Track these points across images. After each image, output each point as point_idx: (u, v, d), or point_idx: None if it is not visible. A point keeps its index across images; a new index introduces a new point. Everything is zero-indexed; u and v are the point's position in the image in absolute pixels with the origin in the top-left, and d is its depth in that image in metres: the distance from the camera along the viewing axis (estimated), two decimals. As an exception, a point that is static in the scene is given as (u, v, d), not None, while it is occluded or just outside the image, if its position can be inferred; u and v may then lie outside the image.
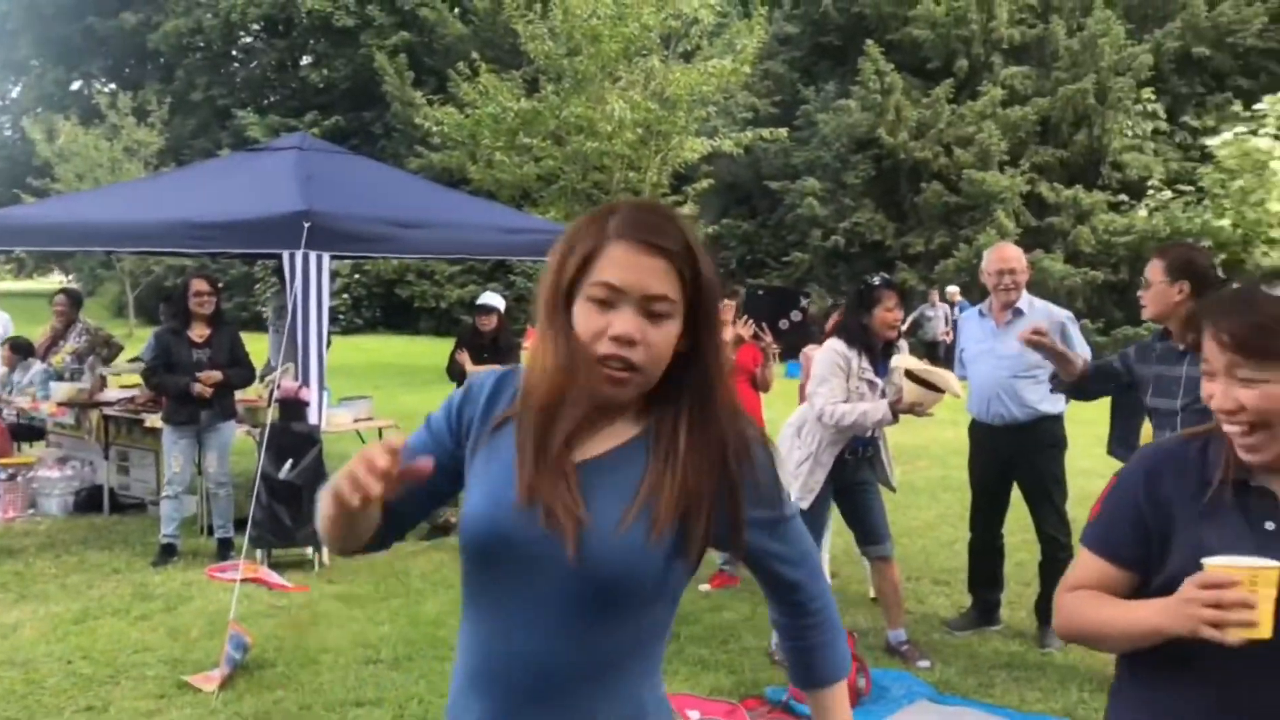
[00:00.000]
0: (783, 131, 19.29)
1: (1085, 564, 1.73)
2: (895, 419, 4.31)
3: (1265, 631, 1.40)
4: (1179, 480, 1.64)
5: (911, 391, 4.24)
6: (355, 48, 30.66)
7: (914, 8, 20.71)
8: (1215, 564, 1.45)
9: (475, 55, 18.46)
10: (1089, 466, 6.51)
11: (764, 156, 21.25)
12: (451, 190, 10.50)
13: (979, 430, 4.88)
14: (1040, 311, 4.75)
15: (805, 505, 4.35)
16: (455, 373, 7.01)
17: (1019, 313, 4.75)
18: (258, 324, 26.96)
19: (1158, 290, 3.50)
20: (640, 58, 16.31)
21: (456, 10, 28.14)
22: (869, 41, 20.92)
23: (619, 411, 1.42)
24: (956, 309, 16.23)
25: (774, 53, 22.21)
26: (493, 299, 7.36)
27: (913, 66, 21.32)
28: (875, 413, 4.30)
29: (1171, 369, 3.46)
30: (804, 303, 17.01)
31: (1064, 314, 4.80)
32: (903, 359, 4.45)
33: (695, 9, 16.80)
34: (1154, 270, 3.53)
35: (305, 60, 34.45)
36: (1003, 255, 4.86)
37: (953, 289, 16.67)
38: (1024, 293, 4.82)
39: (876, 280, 4.53)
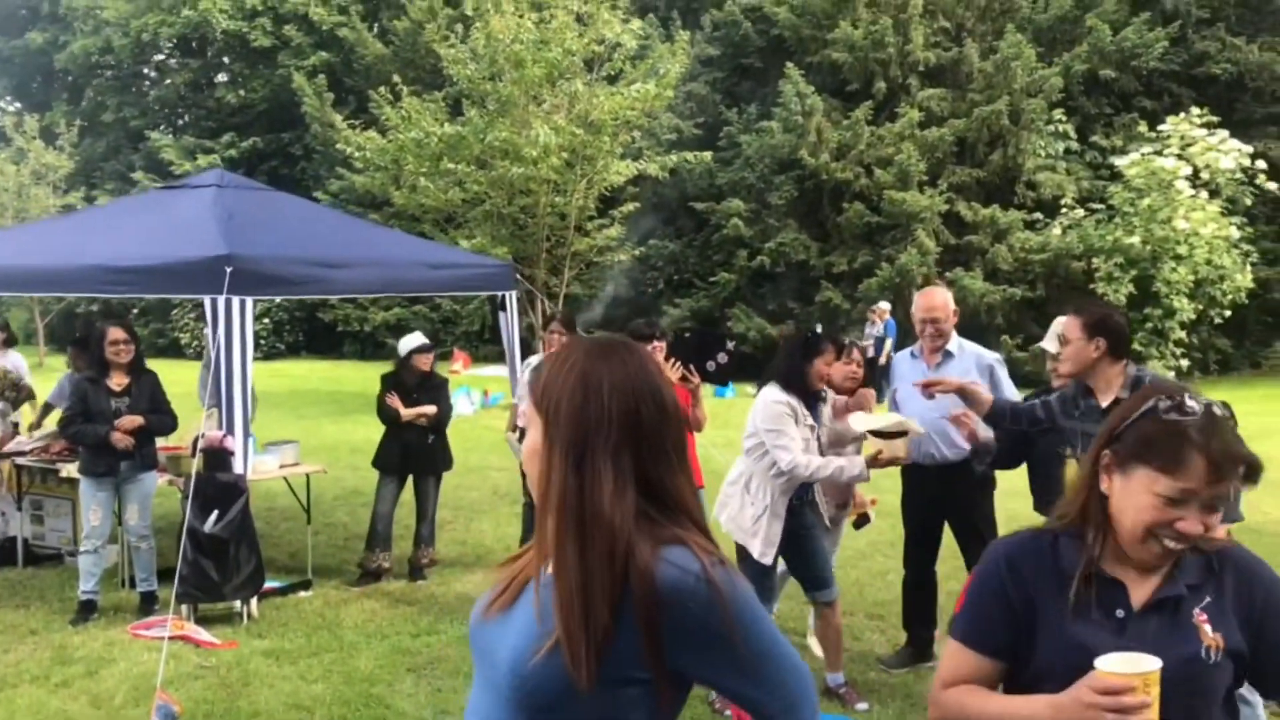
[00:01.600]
0: (707, 155, 19.47)
1: (956, 657, 1.81)
2: (869, 477, 4.44)
3: None
4: (1038, 571, 1.75)
5: (887, 447, 4.39)
6: (273, 68, 30.16)
7: (832, 31, 21.08)
8: (1108, 668, 1.55)
9: (396, 78, 18.28)
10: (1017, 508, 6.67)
11: (689, 178, 21.42)
12: (375, 225, 10.40)
13: (911, 470, 4.97)
14: (969, 354, 4.87)
15: (768, 561, 4.38)
16: (388, 417, 6.91)
17: (949, 355, 4.86)
18: (175, 350, 26.40)
19: (1076, 348, 3.61)
20: (564, 81, 16.31)
21: (376, 30, 27.88)
22: (789, 64, 21.24)
23: None
24: (883, 326, 16.53)
25: (696, 74, 22.39)
26: (422, 338, 7.27)
27: (833, 88, 21.68)
28: (853, 469, 4.39)
29: (1096, 426, 3.57)
30: (730, 344, 17.31)
31: (993, 356, 4.92)
32: (860, 419, 4.56)
33: (618, 34, 16.87)
34: (1071, 328, 3.64)
35: (221, 80, 33.78)
36: (928, 304, 4.96)
37: (883, 305, 16.98)
38: (953, 335, 4.93)
39: (819, 330, 4.68)
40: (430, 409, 6.90)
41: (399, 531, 7.07)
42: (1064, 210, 19.06)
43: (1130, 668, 1.54)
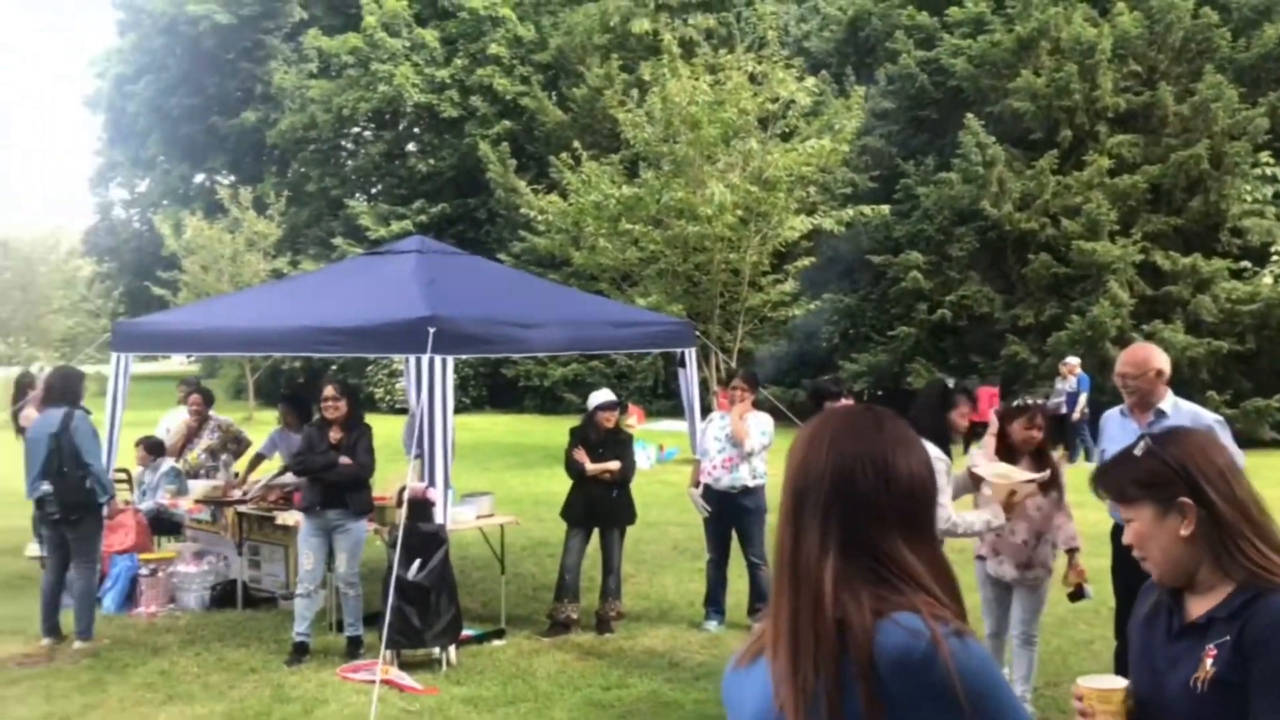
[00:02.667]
0: (884, 208, 19.28)
1: None
2: (1005, 520, 4.50)
3: None
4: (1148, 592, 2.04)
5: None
6: (460, 137, 31.76)
7: (1013, 80, 20.58)
8: (1084, 683, 1.87)
9: (576, 143, 18.98)
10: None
11: (865, 231, 21.19)
12: (561, 286, 10.75)
13: (1121, 533, 4.74)
14: (1185, 414, 4.62)
15: None
16: (574, 470, 7.12)
17: (1161, 414, 4.63)
18: (369, 405, 27.82)
19: None
20: (739, 140, 16.54)
21: (556, 98, 29.01)
22: (968, 115, 20.83)
23: None
24: (1075, 381, 15.81)
25: (871, 128, 22.24)
26: (609, 396, 7.47)
27: (1014, 138, 21.08)
28: (996, 519, 4.35)
29: None
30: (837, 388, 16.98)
31: (1212, 417, 4.66)
32: (984, 468, 4.58)
33: (792, 92, 17.02)
34: None
35: (412, 149, 35.83)
36: (1124, 360, 4.78)
37: (1072, 360, 16.27)
38: (1169, 394, 4.70)
39: (952, 383, 4.74)
40: (614, 464, 7.06)
41: (585, 584, 7.22)
42: (1275, 258, 17.84)
43: (1105, 684, 1.85)
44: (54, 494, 6.54)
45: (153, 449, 8.93)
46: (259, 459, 8.85)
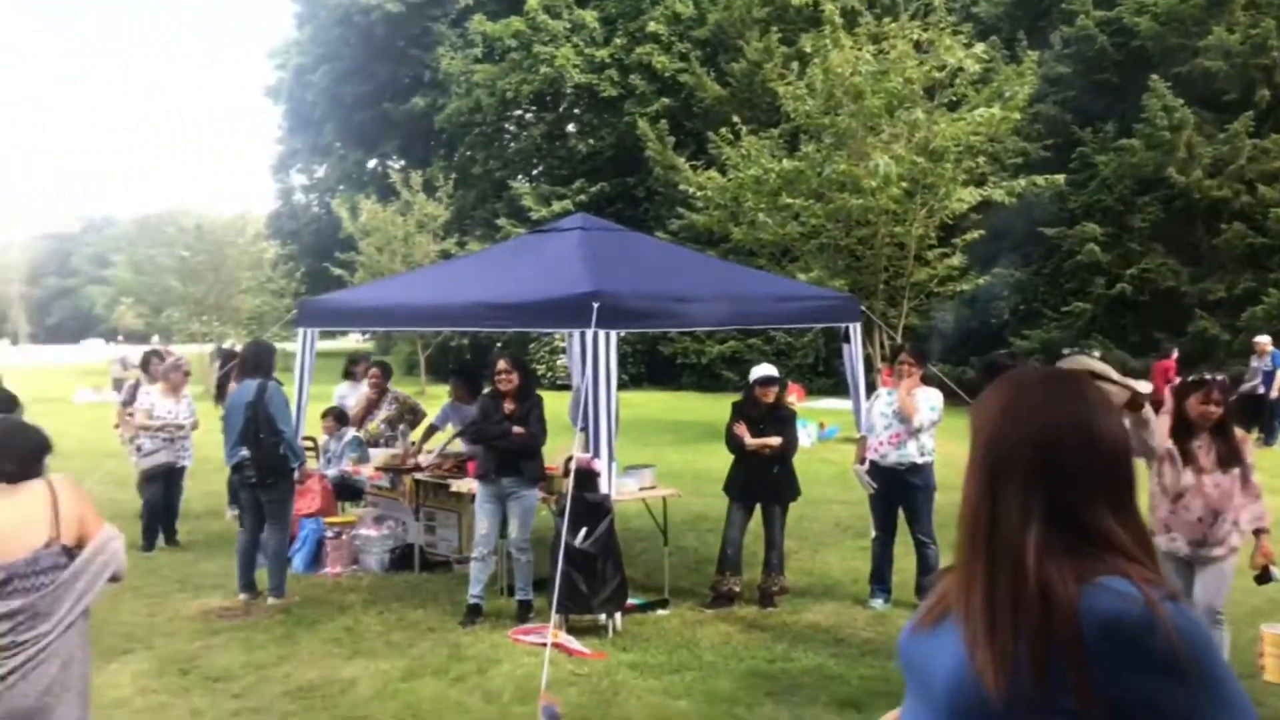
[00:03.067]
0: (1058, 177, 18.43)
1: None
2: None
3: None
4: None
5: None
6: (619, 116, 32.07)
7: (1203, 38, 19.27)
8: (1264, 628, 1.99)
9: (735, 118, 18.86)
10: None
11: (1037, 202, 20.30)
12: (722, 261, 10.73)
13: None
14: None
15: None
16: (735, 445, 7.13)
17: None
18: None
19: None
20: (904, 110, 16.09)
21: (714, 74, 28.90)
22: (1153, 76, 19.64)
23: None
24: (1269, 359, 14.79)
25: (1044, 94, 21.25)
26: (770, 370, 7.44)
27: (1204, 99, 19.77)
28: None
29: None
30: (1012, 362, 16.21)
31: None
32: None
33: (960, 59, 16.43)
34: None
35: (571, 130, 36.43)
36: None
37: (1263, 339, 15.20)
38: None
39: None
40: (774, 440, 7.03)
41: (747, 558, 7.24)
42: None
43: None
44: (251, 459, 7.00)
45: (339, 419, 9.44)
46: (432, 430, 9.23)
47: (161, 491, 8.97)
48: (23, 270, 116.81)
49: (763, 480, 7.07)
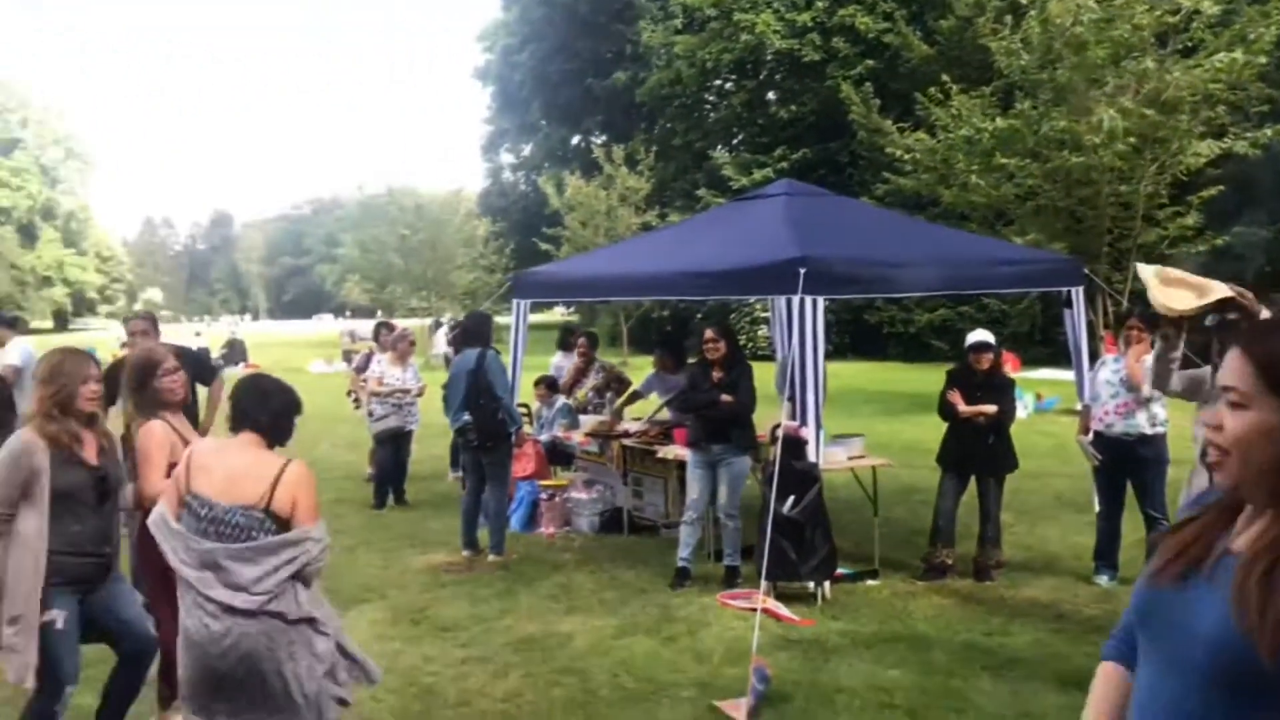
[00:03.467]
0: (1312, 125, 16.77)
1: None
2: None
3: None
4: None
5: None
6: (820, 80, 31.48)
7: None
8: None
9: (944, 77, 18.15)
10: None
11: (1286, 154, 18.59)
12: (933, 225, 10.38)
13: None
14: None
15: None
16: (947, 413, 6.92)
17: None
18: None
19: None
20: (1131, 60, 15.03)
21: (920, 33, 27.88)
22: None
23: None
24: None
25: (1295, 34, 19.34)
26: (986, 336, 7.17)
27: None
28: None
29: None
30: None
31: None
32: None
33: (1196, 1, 15.17)
34: None
35: (772, 97, 36.05)
36: None
37: None
38: None
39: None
40: (989, 408, 6.78)
41: (961, 531, 7.03)
42: None
43: None
44: (472, 424, 7.37)
45: (550, 387, 9.80)
46: (635, 395, 9.42)
47: (391, 454, 9.57)
48: (261, 251, 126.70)
49: (977, 450, 6.83)
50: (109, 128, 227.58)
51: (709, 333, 6.87)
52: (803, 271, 6.33)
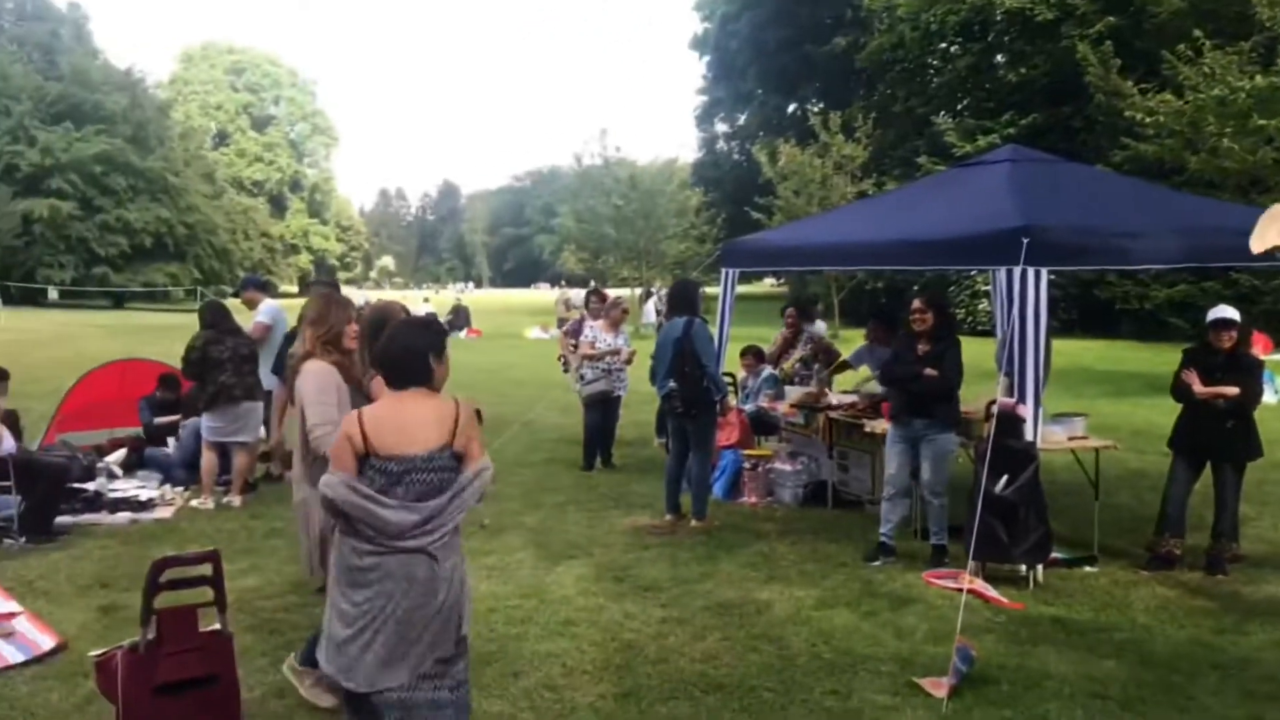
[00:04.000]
0: None
1: None
2: None
3: None
4: None
5: None
6: (1055, 41, 29.67)
7: None
8: None
9: (1196, 32, 16.74)
10: None
11: None
12: (1175, 192, 9.64)
13: None
14: None
15: None
16: (1181, 394, 6.45)
17: None
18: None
19: None
20: None
21: (1171, -16, 25.76)
22: None
23: None
24: None
25: None
26: (1230, 312, 6.61)
27: None
28: None
29: None
30: None
31: None
32: None
33: None
34: None
35: (1000, 60, 34.30)
36: None
37: None
38: None
39: None
40: (1230, 390, 6.26)
41: (1194, 521, 6.56)
42: None
43: None
44: (678, 390, 7.47)
45: (757, 357, 9.80)
46: (844, 367, 9.27)
47: (600, 417, 9.84)
48: (485, 221, 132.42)
49: (1214, 435, 6.33)
50: (349, 102, 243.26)
51: (916, 303, 6.67)
52: (1025, 241, 6.04)
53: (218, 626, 3.04)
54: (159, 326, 32.70)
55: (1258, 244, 3.62)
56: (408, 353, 3.38)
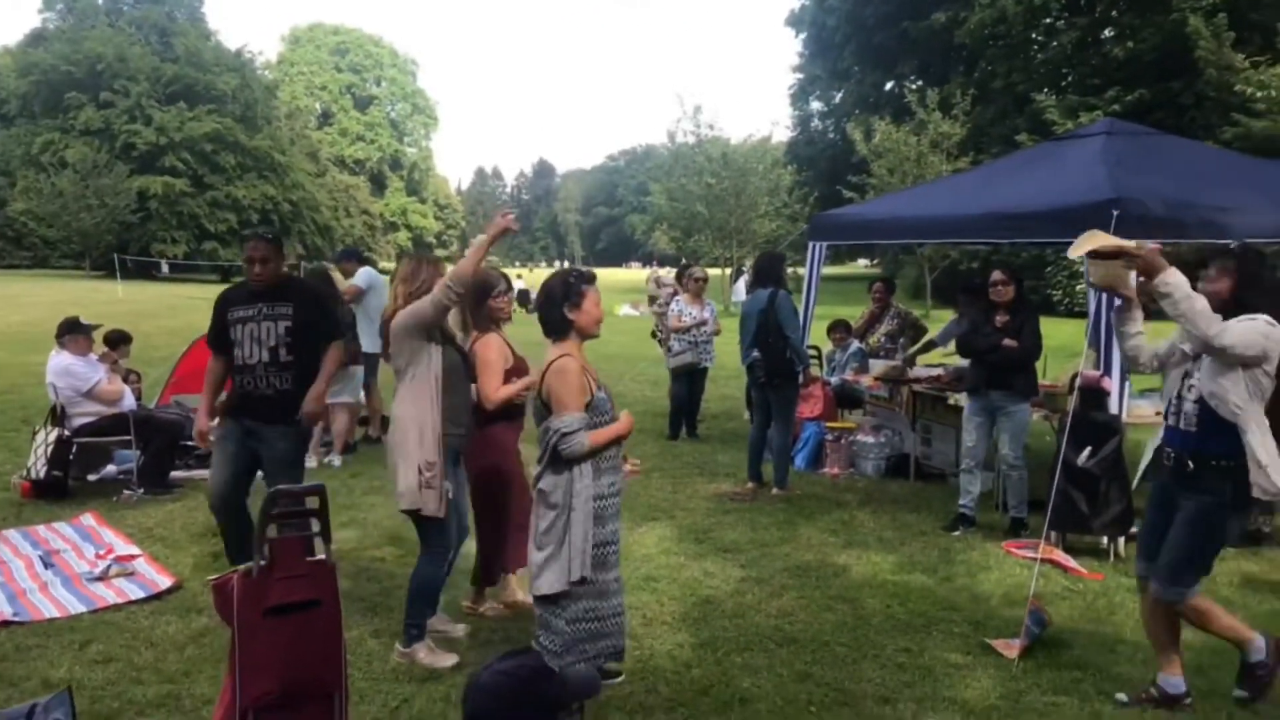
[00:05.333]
0: None
1: None
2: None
3: None
4: None
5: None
6: (1165, 14, 28.64)
7: None
8: None
9: (1316, 3, 16.05)
10: None
11: None
12: (1273, 162, 9.33)
13: None
14: None
15: None
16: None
17: None
18: (1047, 307, 27.03)
19: None
20: None
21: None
22: None
23: None
24: None
25: None
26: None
27: None
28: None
29: None
30: None
31: None
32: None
33: None
34: None
35: (1107, 35, 33.22)
36: None
37: None
38: None
39: None
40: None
41: (1287, 500, 6.44)
42: None
43: None
44: (761, 360, 7.59)
45: (845, 330, 9.84)
46: (931, 345, 9.27)
47: (686, 388, 10.01)
48: (578, 201, 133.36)
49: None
50: (448, 82, 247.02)
51: (996, 274, 6.67)
52: (1115, 213, 5.98)
53: (322, 556, 3.30)
54: (264, 299, 33.75)
55: (1075, 251, 3.84)
56: (543, 307, 3.74)
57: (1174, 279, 3.75)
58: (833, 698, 4.09)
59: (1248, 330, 3.71)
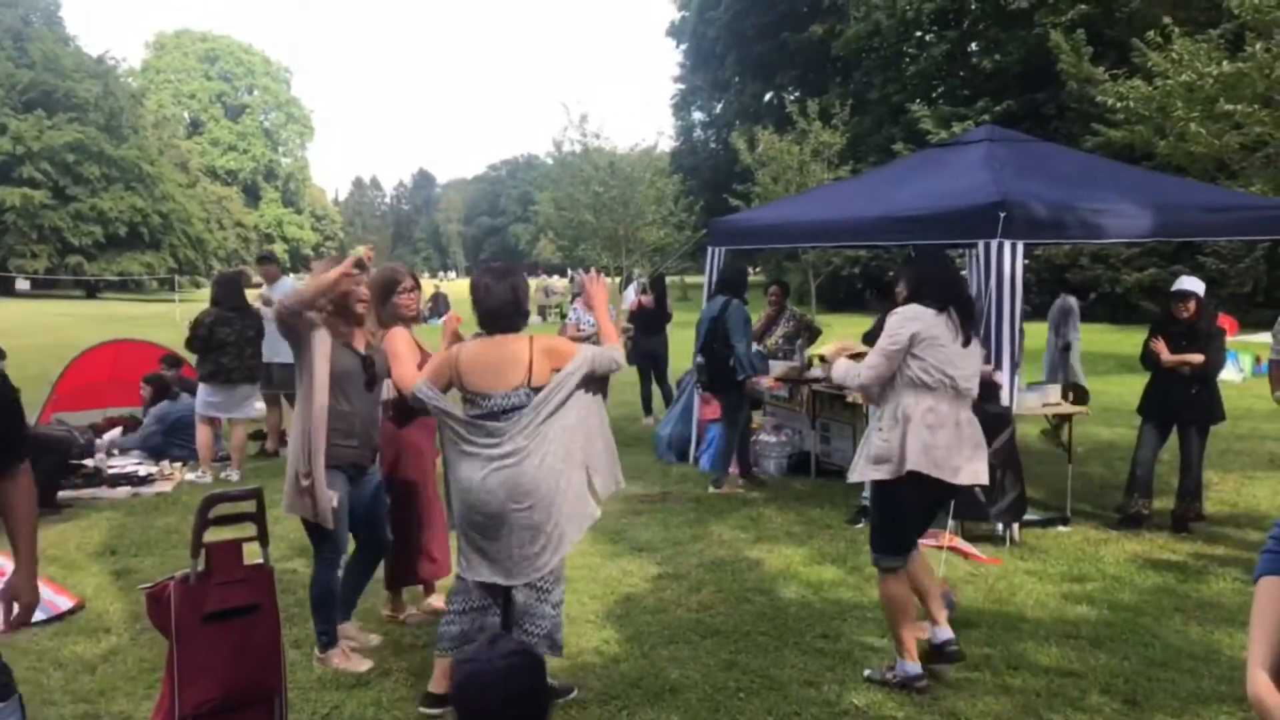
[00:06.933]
0: None
1: None
2: None
3: None
4: None
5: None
6: (1028, 29, 30.10)
7: None
8: None
9: (1166, 19, 17.09)
10: None
11: None
12: (1144, 171, 9.96)
13: None
14: None
15: None
16: (1150, 361, 6.77)
17: None
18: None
19: None
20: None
21: (1142, -27, 26.17)
22: None
23: None
24: None
25: None
26: (1191, 284, 6.93)
27: None
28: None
29: None
30: None
31: None
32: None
33: None
34: None
35: (974, 48, 34.70)
36: None
37: None
38: None
39: None
40: (1195, 357, 6.58)
41: (1160, 486, 6.88)
42: None
43: None
44: (704, 365, 7.74)
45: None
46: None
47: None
48: (460, 211, 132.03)
49: (1180, 400, 6.66)
50: (323, 91, 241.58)
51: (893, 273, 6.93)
52: (1002, 215, 6.30)
53: (260, 560, 3.26)
54: (134, 317, 32.65)
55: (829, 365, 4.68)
56: (486, 298, 3.82)
57: (835, 371, 4.53)
58: (760, 684, 4.21)
59: (877, 348, 4.28)
